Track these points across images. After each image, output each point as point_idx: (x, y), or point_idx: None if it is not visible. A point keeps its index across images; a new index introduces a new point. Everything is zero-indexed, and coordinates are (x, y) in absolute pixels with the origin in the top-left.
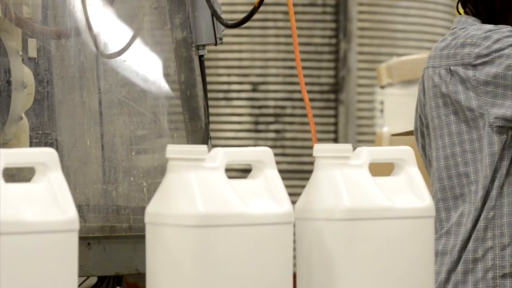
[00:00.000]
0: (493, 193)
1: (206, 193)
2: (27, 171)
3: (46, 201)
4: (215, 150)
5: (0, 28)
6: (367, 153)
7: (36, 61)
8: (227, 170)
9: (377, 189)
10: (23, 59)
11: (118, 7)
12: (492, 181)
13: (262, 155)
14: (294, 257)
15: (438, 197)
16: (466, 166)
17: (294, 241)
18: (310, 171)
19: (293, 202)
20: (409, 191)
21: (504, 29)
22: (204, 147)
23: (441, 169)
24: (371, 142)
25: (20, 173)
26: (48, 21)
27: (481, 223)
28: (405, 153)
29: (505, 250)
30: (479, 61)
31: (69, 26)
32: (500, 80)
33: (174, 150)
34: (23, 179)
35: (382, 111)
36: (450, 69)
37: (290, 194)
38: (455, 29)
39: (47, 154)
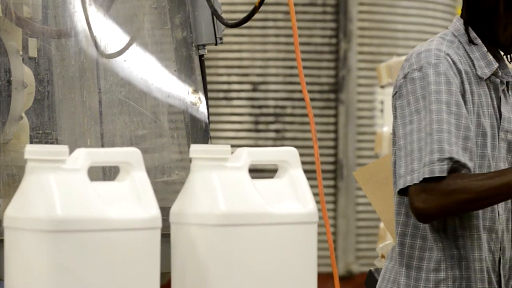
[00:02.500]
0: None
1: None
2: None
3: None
4: (78, 150)
5: (0, 28)
6: (246, 155)
7: (37, 60)
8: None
9: (256, 193)
10: (23, 59)
11: (118, 7)
12: None
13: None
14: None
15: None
16: None
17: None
18: (310, 171)
19: None
20: (291, 195)
21: (423, 61)
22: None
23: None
24: (371, 142)
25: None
26: (49, 21)
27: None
28: (289, 154)
29: (456, 282)
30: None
31: (69, 26)
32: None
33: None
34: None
35: (382, 111)
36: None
37: None
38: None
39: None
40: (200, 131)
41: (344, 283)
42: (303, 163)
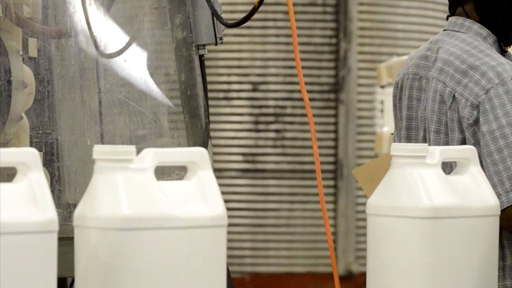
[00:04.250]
0: None
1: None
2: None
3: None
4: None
5: (0, 28)
6: (152, 156)
7: (37, 60)
8: (226, 170)
9: (162, 196)
10: (23, 59)
11: (118, 7)
12: None
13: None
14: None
15: None
16: None
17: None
18: (310, 171)
19: (293, 202)
20: (200, 198)
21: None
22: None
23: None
24: (371, 142)
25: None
26: (49, 21)
27: None
28: (198, 155)
29: None
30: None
31: (69, 26)
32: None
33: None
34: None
35: (382, 111)
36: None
37: (289, 194)
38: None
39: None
40: (200, 131)
41: (344, 283)
42: (303, 163)
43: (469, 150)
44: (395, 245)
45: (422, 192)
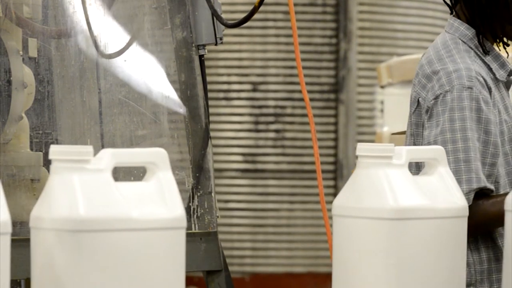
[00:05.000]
0: None
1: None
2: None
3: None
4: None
5: (0, 28)
6: (110, 156)
7: (37, 60)
8: (226, 170)
9: (119, 197)
10: (23, 59)
11: (118, 7)
12: None
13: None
14: None
15: None
16: None
17: None
18: (310, 171)
19: (294, 202)
20: (158, 199)
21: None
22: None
23: None
24: (371, 142)
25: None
26: (49, 21)
27: None
28: (157, 155)
29: None
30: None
31: (69, 26)
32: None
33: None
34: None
35: (382, 111)
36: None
37: (289, 194)
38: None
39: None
40: (200, 131)
41: None
42: (303, 163)
43: (437, 150)
44: (361, 247)
45: (388, 193)
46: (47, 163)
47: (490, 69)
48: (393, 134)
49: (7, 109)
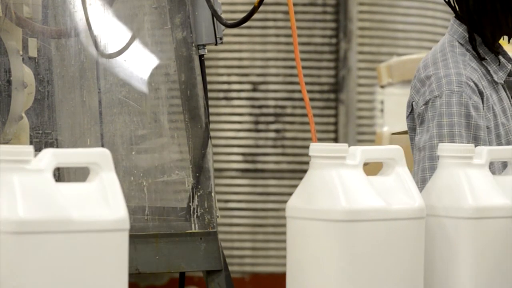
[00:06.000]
0: None
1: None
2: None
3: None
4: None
5: (0, 28)
6: (51, 156)
7: (37, 60)
8: (226, 170)
9: (61, 198)
10: (23, 59)
11: (118, 7)
12: None
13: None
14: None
15: None
16: None
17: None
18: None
19: None
20: (101, 200)
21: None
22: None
23: None
24: (371, 142)
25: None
26: (49, 20)
27: None
28: (100, 156)
29: None
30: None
31: (69, 26)
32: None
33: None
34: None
35: (382, 111)
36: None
37: (289, 194)
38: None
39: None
40: (200, 131)
41: None
42: (303, 163)
43: (394, 150)
44: (313, 249)
45: (341, 194)
46: None
47: (488, 71)
48: (393, 134)
49: (7, 109)
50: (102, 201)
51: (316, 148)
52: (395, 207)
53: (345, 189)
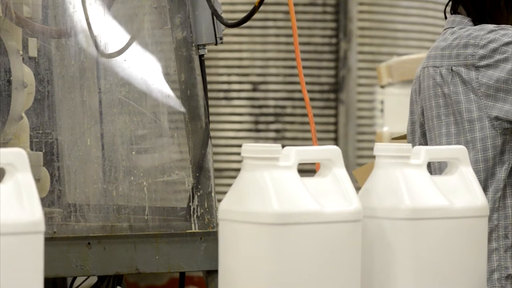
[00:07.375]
0: (496, 195)
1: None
2: None
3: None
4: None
5: (0, 28)
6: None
7: (37, 60)
8: (226, 170)
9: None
10: (23, 59)
11: (118, 7)
12: (493, 183)
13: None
14: None
15: None
16: None
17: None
18: (311, 171)
19: None
20: (16, 202)
21: (509, 30)
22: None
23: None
24: (371, 142)
25: None
26: (49, 20)
27: None
28: (16, 156)
29: (508, 251)
30: (482, 63)
31: (69, 26)
32: (502, 85)
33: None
34: None
35: (382, 111)
36: (452, 69)
37: None
38: (454, 29)
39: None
40: (200, 131)
41: None
42: (303, 163)
43: (332, 151)
44: (245, 253)
45: (273, 197)
46: (47, 163)
47: None
48: (393, 139)
49: (7, 109)
50: (16, 203)
51: (248, 149)
52: (329, 210)
53: (277, 191)
